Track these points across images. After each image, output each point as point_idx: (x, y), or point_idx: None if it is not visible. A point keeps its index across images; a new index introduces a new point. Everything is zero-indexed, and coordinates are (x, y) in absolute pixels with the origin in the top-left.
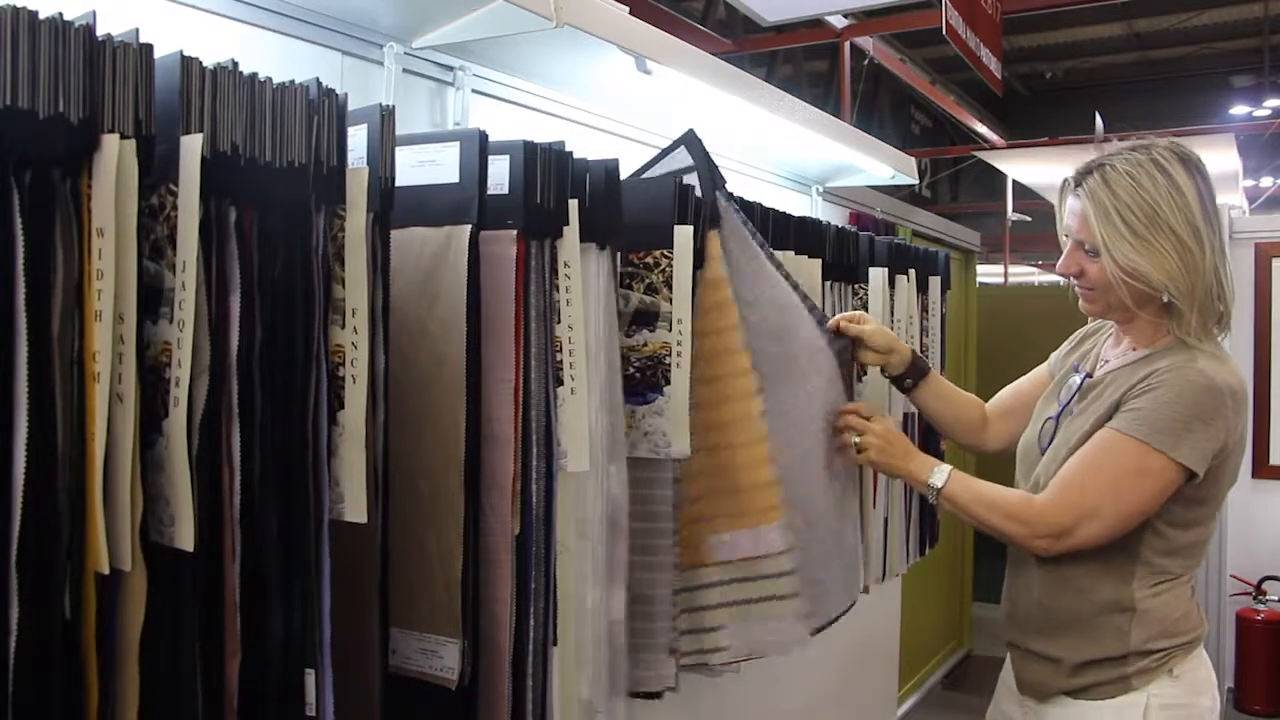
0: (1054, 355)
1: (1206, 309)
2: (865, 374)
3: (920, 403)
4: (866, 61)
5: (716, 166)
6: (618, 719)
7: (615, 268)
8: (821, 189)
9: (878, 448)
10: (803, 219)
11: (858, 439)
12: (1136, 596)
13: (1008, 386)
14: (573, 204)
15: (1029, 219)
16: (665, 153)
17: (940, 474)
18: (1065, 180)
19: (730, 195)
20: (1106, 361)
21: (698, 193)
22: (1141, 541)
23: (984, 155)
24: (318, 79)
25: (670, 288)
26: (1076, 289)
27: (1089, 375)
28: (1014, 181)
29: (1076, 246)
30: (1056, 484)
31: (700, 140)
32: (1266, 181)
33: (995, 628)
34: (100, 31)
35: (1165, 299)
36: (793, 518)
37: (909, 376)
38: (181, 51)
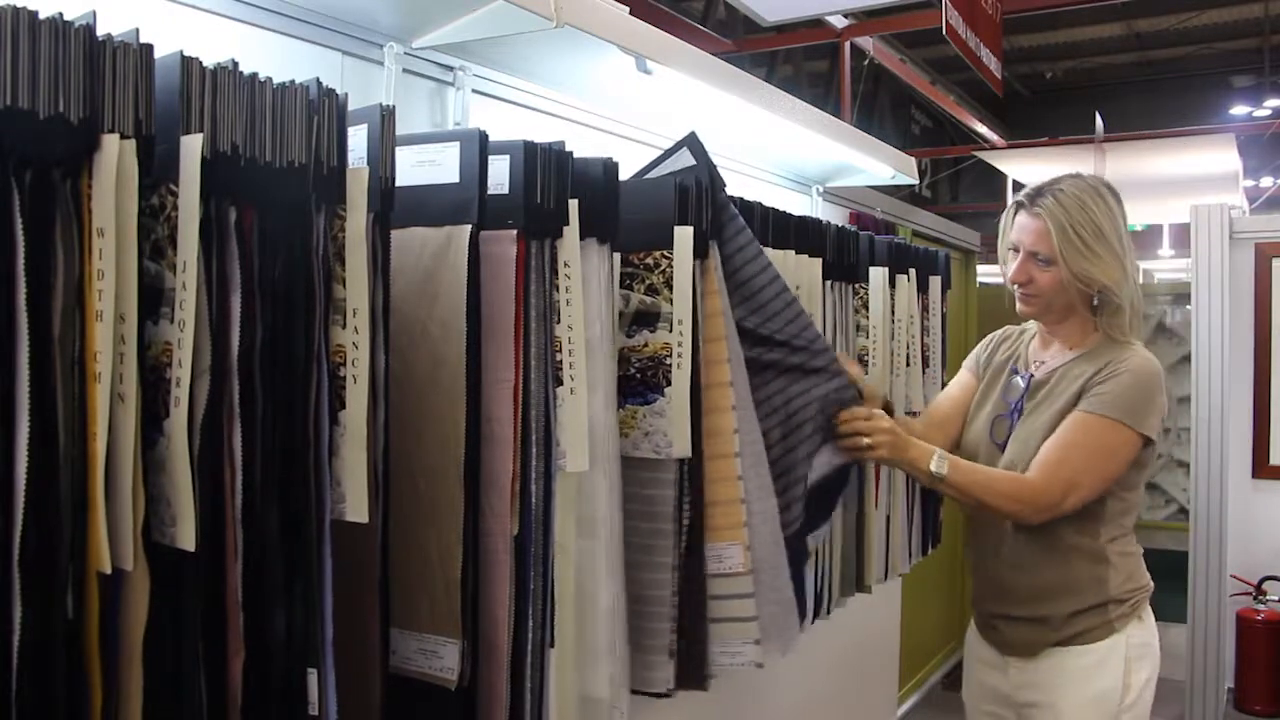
0: (971, 359)
1: (1136, 309)
2: (867, 372)
3: None
4: (866, 61)
5: (717, 170)
6: (624, 714)
7: (613, 267)
8: (821, 189)
9: (889, 444)
10: (803, 219)
11: (868, 440)
12: (1108, 549)
13: (939, 396)
14: (573, 204)
15: None
16: (667, 154)
17: (941, 461)
18: (1016, 201)
19: (729, 200)
20: (1043, 362)
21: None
22: (1104, 503)
23: (984, 155)
24: (318, 79)
25: (670, 288)
26: (1018, 294)
27: (1032, 375)
28: (1014, 181)
29: (1029, 257)
30: (1041, 464)
31: (701, 143)
32: (1266, 181)
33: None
34: (100, 31)
35: (1096, 300)
36: (752, 540)
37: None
38: (181, 51)
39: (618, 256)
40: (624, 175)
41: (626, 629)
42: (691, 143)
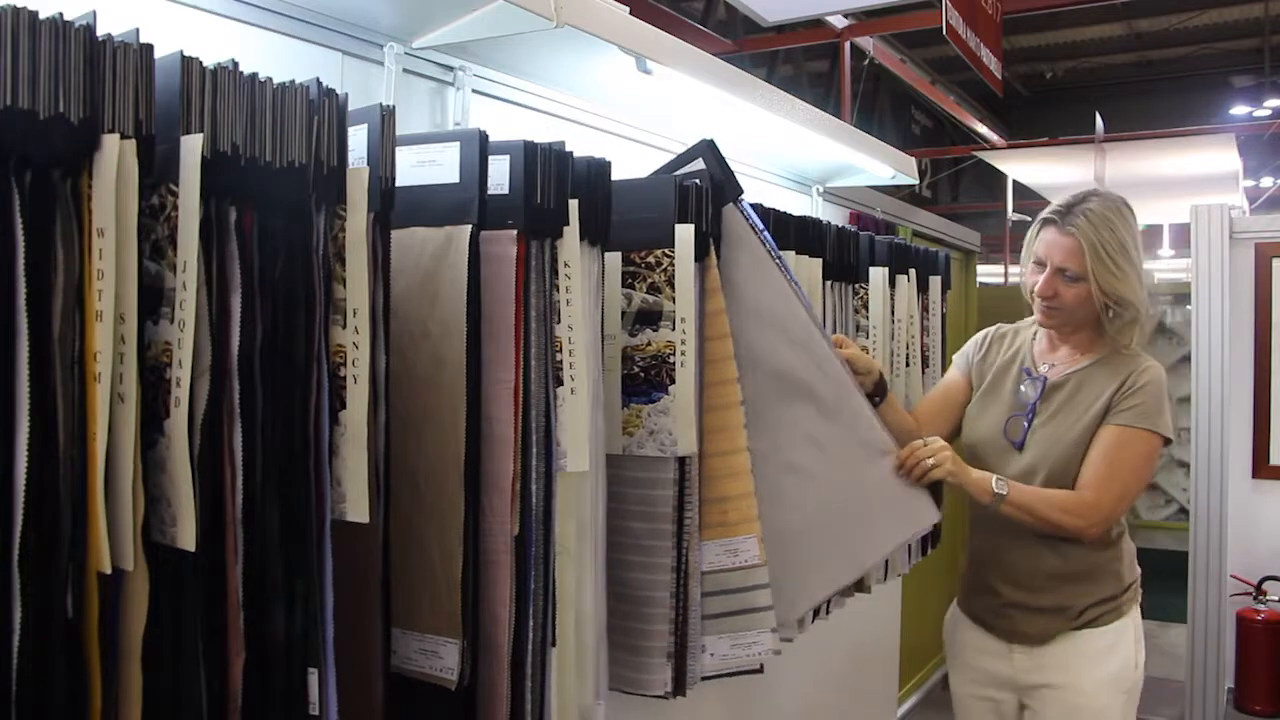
0: (961, 359)
1: (1149, 319)
2: None
3: (881, 416)
4: (867, 61)
5: (734, 175)
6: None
7: (604, 268)
8: (822, 189)
9: (951, 458)
10: (803, 219)
11: (931, 460)
12: (1116, 540)
13: (931, 390)
14: (573, 204)
15: (1029, 219)
16: (681, 159)
17: (1002, 483)
18: (1044, 217)
19: (744, 205)
20: (1053, 365)
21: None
22: None
23: (984, 155)
24: (318, 79)
25: (672, 287)
26: (1043, 306)
27: (1046, 378)
28: (1014, 181)
29: (1057, 273)
30: (1093, 480)
31: (716, 149)
32: (1266, 181)
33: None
34: (100, 31)
35: (1110, 314)
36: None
37: (877, 395)
38: (181, 51)
39: (619, 256)
40: (632, 176)
41: (606, 630)
42: (705, 149)
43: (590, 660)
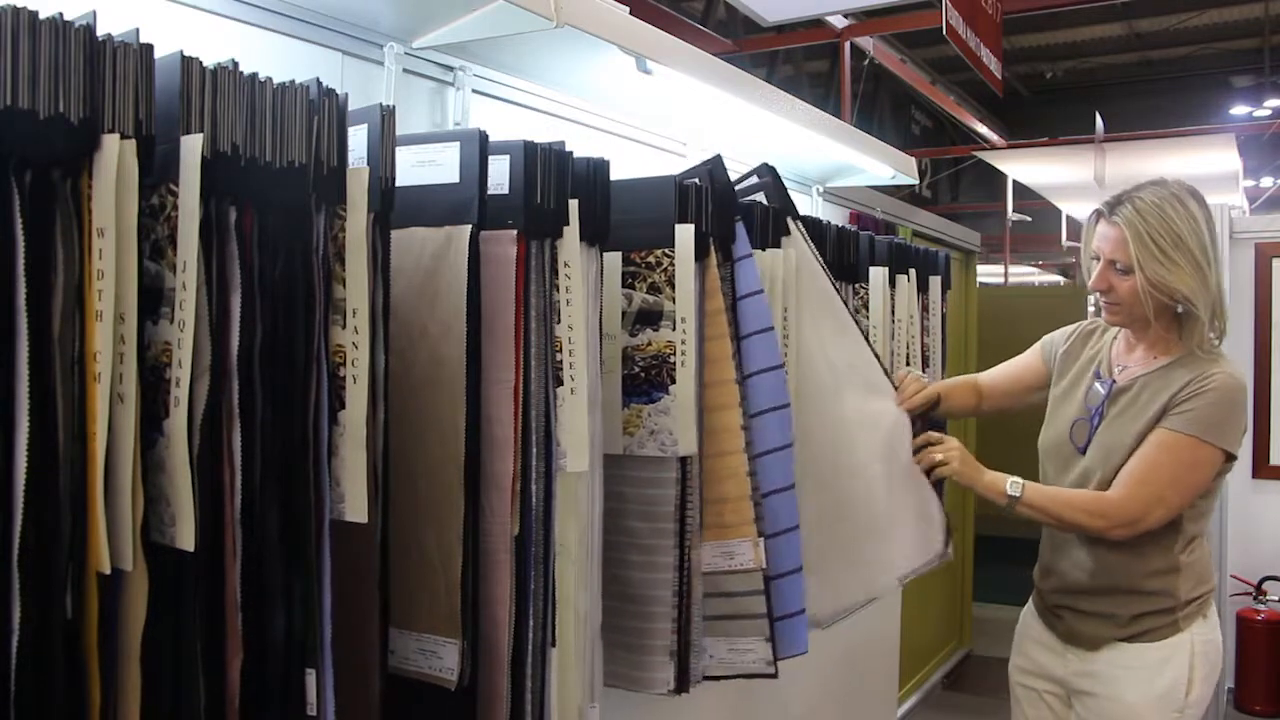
0: (1047, 345)
1: (1216, 317)
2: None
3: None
4: (867, 61)
5: (789, 197)
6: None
7: (602, 268)
8: (822, 189)
9: (960, 458)
10: (803, 218)
11: (940, 455)
12: (1180, 560)
13: (1003, 366)
14: (573, 204)
15: (1029, 219)
16: (744, 178)
17: (1016, 484)
18: (1096, 210)
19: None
20: (1125, 367)
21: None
22: (1180, 514)
23: (984, 155)
24: (318, 79)
25: (673, 286)
26: (1103, 302)
27: (1114, 382)
28: (1014, 181)
29: (1108, 265)
30: (1125, 481)
31: (777, 175)
32: (1266, 181)
33: (998, 627)
34: (100, 31)
35: (1180, 309)
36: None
37: (931, 409)
38: (181, 51)
39: (619, 256)
40: (632, 176)
41: (600, 631)
42: (764, 173)
43: (585, 661)
